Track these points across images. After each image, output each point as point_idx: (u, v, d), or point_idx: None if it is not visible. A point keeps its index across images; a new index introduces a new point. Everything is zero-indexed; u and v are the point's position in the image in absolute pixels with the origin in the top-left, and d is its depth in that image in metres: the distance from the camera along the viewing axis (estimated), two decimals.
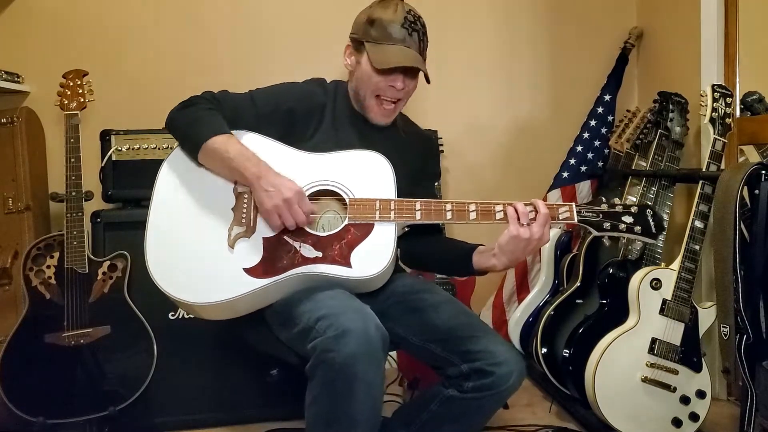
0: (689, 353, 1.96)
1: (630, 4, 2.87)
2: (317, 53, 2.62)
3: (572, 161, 2.73)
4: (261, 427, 2.13)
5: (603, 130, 2.74)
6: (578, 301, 2.25)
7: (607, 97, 2.76)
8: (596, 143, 2.73)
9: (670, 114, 2.27)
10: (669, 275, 1.97)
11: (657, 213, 1.48)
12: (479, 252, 1.55)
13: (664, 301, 1.96)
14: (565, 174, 2.72)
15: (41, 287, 2.01)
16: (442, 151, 2.62)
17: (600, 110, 2.75)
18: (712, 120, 2.03)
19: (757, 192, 1.80)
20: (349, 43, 1.63)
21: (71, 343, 1.99)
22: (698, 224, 1.98)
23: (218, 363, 2.14)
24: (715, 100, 2.04)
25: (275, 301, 1.50)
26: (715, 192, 1.91)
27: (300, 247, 1.45)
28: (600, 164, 2.72)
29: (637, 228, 1.46)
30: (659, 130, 2.29)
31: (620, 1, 2.87)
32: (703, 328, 1.99)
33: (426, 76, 1.58)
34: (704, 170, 2.00)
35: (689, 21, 2.41)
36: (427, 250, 1.72)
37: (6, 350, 1.97)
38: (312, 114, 1.61)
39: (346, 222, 1.46)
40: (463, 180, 2.80)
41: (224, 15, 2.66)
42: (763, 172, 1.79)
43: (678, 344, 1.95)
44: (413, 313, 1.57)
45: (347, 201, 1.48)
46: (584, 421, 2.10)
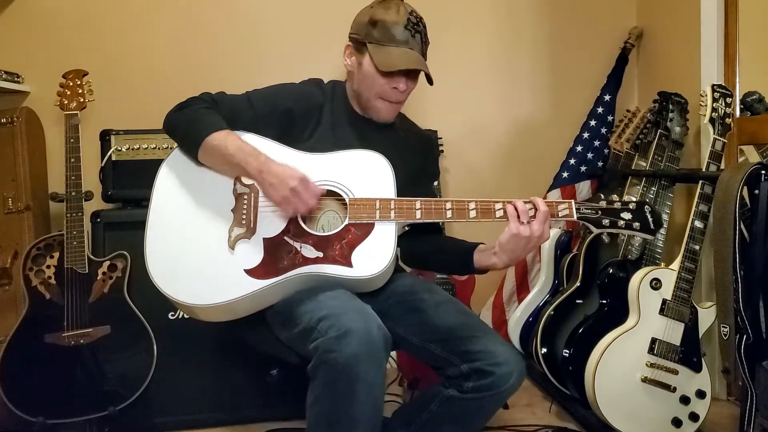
0: (689, 353, 1.96)
1: (630, 4, 2.87)
2: (316, 53, 2.62)
3: (572, 161, 2.73)
4: (261, 427, 2.13)
5: (603, 130, 2.74)
6: (578, 301, 2.25)
7: (607, 97, 2.76)
8: (596, 143, 2.74)
9: (670, 114, 2.26)
10: (669, 275, 1.97)
11: (655, 209, 1.48)
12: (480, 250, 1.55)
13: (664, 301, 1.96)
14: (565, 174, 2.72)
15: (41, 287, 2.01)
16: (442, 151, 2.62)
17: (600, 110, 2.75)
18: (712, 120, 2.03)
19: (757, 192, 1.80)
20: (349, 44, 1.62)
21: (71, 343, 1.99)
22: (698, 224, 1.98)
23: (218, 363, 2.15)
24: (715, 100, 2.04)
25: (276, 302, 1.50)
26: (715, 192, 1.91)
27: (301, 248, 1.45)
28: (600, 164, 2.73)
29: (636, 224, 1.46)
30: (659, 130, 2.29)
31: (620, 1, 2.87)
32: (703, 328, 1.99)
33: (430, 78, 1.57)
34: (704, 170, 2.00)
35: (689, 21, 2.41)
36: (428, 249, 1.72)
37: (6, 350, 1.97)
38: (310, 114, 1.60)
39: (347, 222, 1.46)
40: (464, 180, 2.80)
41: (224, 15, 2.66)
42: (763, 172, 1.79)
43: (678, 344, 1.95)
44: (413, 313, 1.57)
45: (347, 201, 1.48)
46: (584, 421, 2.10)
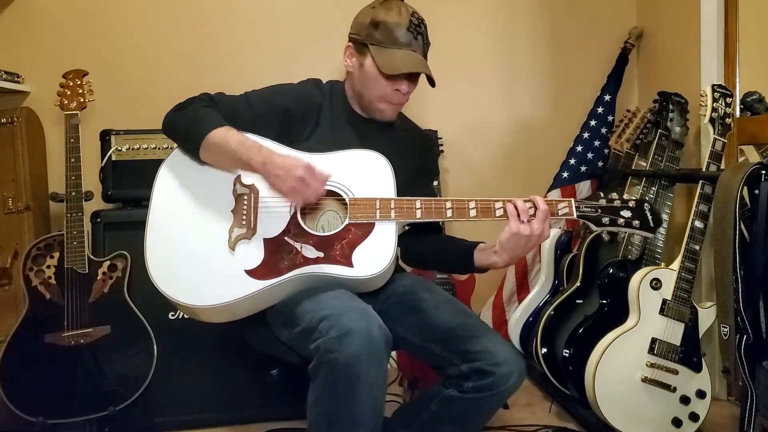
0: (689, 353, 1.96)
1: (630, 4, 2.88)
2: (316, 53, 2.62)
3: (572, 161, 2.73)
4: (261, 427, 2.13)
5: (603, 130, 2.74)
6: (578, 301, 2.25)
7: (607, 97, 2.76)
8: (596, 143, 2.74)
9: (670, 114, 2.26)
10: (669, 275, 1.97)
11: (654, 207, 1.48)
12: (480, 249, 1.55)
13: (664, 301, 1.96)
14: (565, 174, 2.72)
15: (41, 287, 2.01)
16: (442, 151, 2.62)
17: (600, 110, 2.75)
18: (712, 120, 2.03)
19: (757, 192, 1.80)
20: (350, 44, 1.61)
21: (71, 343, 1.99)
22: (698, 224, 1.98)
23: (218, 363, 2.15)
24: (715, 100, 2.04)
25: (277, 302, 1.50)
26: (715, 192, 1.91)
27: (301, 248, 1.45)
28: (600, 164, 2.73)
29: (636, 222, 1.46)
30: (659, 130, 2.29)
31: (620, 1, 2.87)
32: (703, 328, 1.99)
33: (432, 81, 1.57)
34: (704, 170, 2.00)
35: (689, 21, 2.41)
36: (428, 249, 1.72)
37: (6, 350, 1.97)
38: (309, 114, 1.60)
39: (347, 222, 1.46)
40: (464, 180, 2.80)
41: (224, 15, 2.66)
42: (763, 172, 1.79)
43: (678, 344, 1.95)
44: (413, 313, 1.57)
45: (347, 201, 1.48)
46: (584, 421, 2.10)
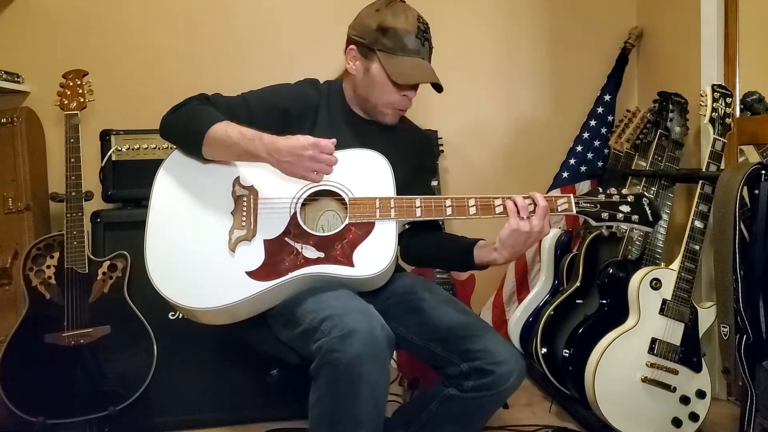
0: (689, 353, 1.96)
1: (630, 4, 2.87)
2: (316, 53, 2.61)
3: (572, 161, 2.73)
4: (261, 427, 2.13)
5: (603, 130, 2.74)
6: (578, 301, 2.25)
7: (607, 97, 2.76)
8: (596, 143, 2.74)
9: (670, 114, 2.26)
10: (669, 275, 1.97)
11: (653, 202, 1.48)
12: (480, 246, 1.55)
13: (664, 301, 1.96)
14: (565, 174, 2.73)
15: (41, 287, 2.01)
16: (442, 151, 2.62)
17: (600, 110, 2.75)
18: (712, 120, 2.03)
19: (757, 192, 1.80)
20: (353, 47, 1.59)
21: (71, 343, 1.99)
22: (698, 224, 1.98)
23: (218, 363, 2.15)
24: (715, 100, 2.04)
25: (278, 303, 1.50)
26: (715, 192, 1.91)
27: (302, 248, 1.45)
28: (600, 164, 2.73)
29: (635, 217, 1.46)
30: (659, 130, 2.29)
31: (620, 1, 2.87)
32: (703, 328, 1.99)
33: (441, 88, 1.57)
34: (704, 170, 2.00)
35: (689, 21, 2.41)
36: (428, 247, 1.72)
37: (6, 350, 1.97)
38: (306, 114, 1.60)
39: (347, 221, 1.46)
40: (464, 180, 2.80)
41: (224, 15, 2.66)
42: (763, 172, 1.79)
43: (678, 344, 1.95)
44: (413, 313, 1.57)
45: (347, 200, 1.48)
46: (584, 421, 2.10)
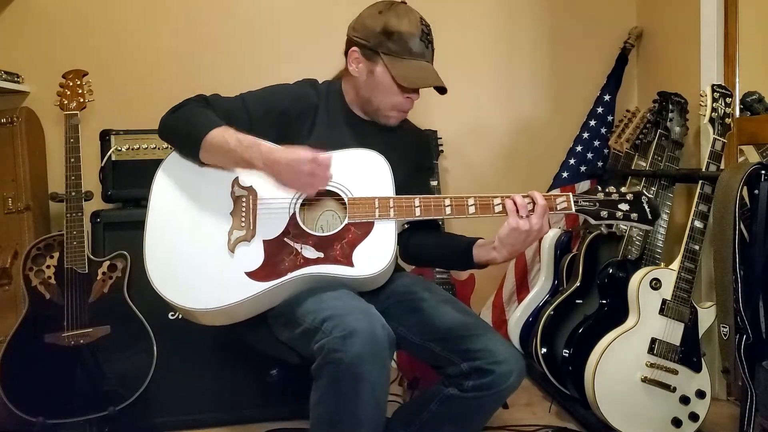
0: (689, 353, 1.96)
1: (630, 4, 2.87)
2: (317, 54, 2.61)
3: (572, 161, 2.73)
4: (261, 427, 2.13)
5: (603, 130, 2.74)
6: (578, 301, 2.25)
7: (607, 97, 2.76)
8: (596, 143, 2.74)
9: (670, 114, 2.26)
10: (669, 275, 1.97)
11: (652, 200, 1.48)
12: (479, 245, 1.55)
13: (664, 301, 1.96)
14: (565, 174, 2.73)
15: (41, 287, 2.01)
16: (442, 151, 2.63)
17: (600, 110, 2.75)
18: (712, 120, 2.03)
19: (757, 192, 1.80)
20: (356, 49, 1.58)
21: (71, 343, 1.99)
22: (698, 224, 1.98)
23: (218, 363, 2.15)
24: (715, 100, 2.04)
25: (277, 304, 1.50)
26: (715, 192, 1.91)
27: (301, 249, 1.45)
28: (600, 164, 2.73)
29: (634, 215, 1.46)
30: (659, 130, 2.29)
31: (620, 1, 2.87)
32: (703, 328, 1.99)
33: (444, 90, 1.58)
34: (704, 170, 2.01)
35: (689, 21, 2.41)
36: (427, 246, 1.72)
37: (6, 350, 1.97)
38: (305, 115, 1.59)
39: (346, 221, 1.46)
40: (464, 180, 2.80)
41: (224, 15, 2.66)
42: (763, 172, 1.79)
43: (678, 344, 1.95)
44: (413, 313, 1.57)
45: (346, 200, 1.48)
46: (584, 421, 2.10)
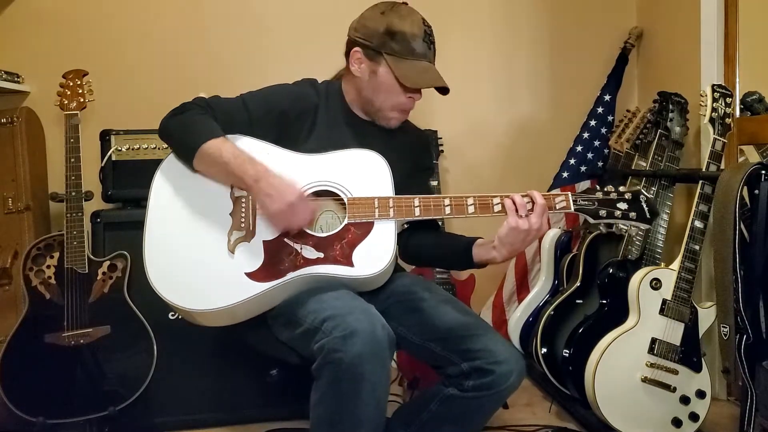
0: (689, 353, 1.96)
1: (630, 4, 2.87)
2: (316, 53, 2.61)
3: (572, 161, 2.73)
4: (261, 427, 2.13)
5: (603, 130, 2.74)
6: (578, 301, 2.25)
7: (607, 97, 2.76)
8: (596, 143, 2.74)
9: (670, 114, 2.26)
10: (669, 275, 1.97)
11: (650, 199, 1.49)
12: (478, 245, 1.55)
13: (664, 301, 1.96)
14: (565, 174, 2.72)
15: (41, 287, 2.01)
16: (442, 151, 2.63)
17: (600, 110, 2.75)
18: (712, 120, 2.03)
19: (757, 192, 1.80)
20: (358, 49, 1.58)
21: (71, 343, 1.99)
22: (698, 224, 1.98)
23: (218, 363, 2.15)
24: (715, 100, 2.04)
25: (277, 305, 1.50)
26: (715, 192, 1.91)
27: (301, 249, 1.45)
28: (600, 164, 2.73)
29: (632, 214, 1.46)
30: (659, 130, 2.29)
31: (620, 1, 2.87)
32: (703, 328, 1.99)
33: (447, 91, 1.58)
34: (704, 170, 2.00)
35: (689, 21, 2.41)
36: (427, 246, 1.72)
37: (6, 350, 1.97)
38: (306, 115, 1.59)
39: (346, 221, 1.46)
40: (464, 180, 2.80)
41: (224, 15, 2.66)
42: (763, 172, 1.79)
43: (678, 344, 1.95)
44: (413, 313, 1.57)
45: (346, 200, 1.48)
46: (584, 421, 2.10)
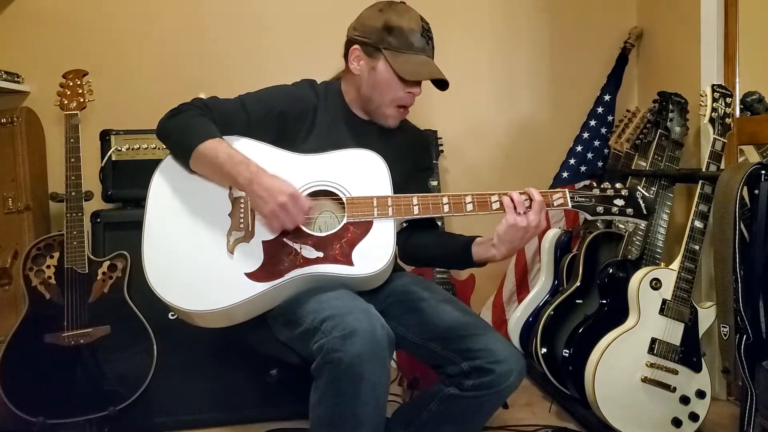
0: (689, 353, 1.96)
1: (630, 4, 2.88)
2: (316, 53, 2.61)
3: (572, 161, 2.73)
4: (261, 427, 2.13)
5: (603, 130, 2.74)
6: (578, 301, 2.25)
7: (607, 97, 2.76)
8: (596, 143, 2.74)
9: (670, 114, 2.26)
10: (669, 275, 1.97)
11: (647, 195, 1.49)
12: (478, 243, 1.55)
13: (664, 301, 1.96)
14: (565, 174, 2.72)
15: (41, 287, 2.01)
16: (442, 151, 2.63)
17: (600, 110, 2.75)
18: (712, 120, 2.03)
19: (757, 192, 1.80)
20: (356, 47, 1.59)
21: (71, 343, 1.99)
22: (698, 224, 1.98)
23: (218, 363, 2.15)
24: (715, 100, 2.04)
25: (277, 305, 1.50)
26: (715, 192, 1.91)
27: (300, 249, 1.45)
28: (600, 164, 2.73)
29: (629, 210, 1.47)
30: (659, 130, 2.29)
31: (620, 1, 2.87)
32: (703, 328, 1.99)
33: (446, 85, 1.58)
34: (704, 170, 2.01)
35: (689, 21, 2.41)
36: (426, 246, 1.72)
37: (6, 350, 1.97)
38: (304, 116, 1.59)
39: (345, 221, 1.46)
40: (463, 180, 2.80)
41: (224, 15, 2.66)
42: (763, 172, 1.79)
43: (678, 344, 1.95)
44: (413, 313, 1.57)
45: (344, 200, 1.48)
46: (584, 421, 2.10)
